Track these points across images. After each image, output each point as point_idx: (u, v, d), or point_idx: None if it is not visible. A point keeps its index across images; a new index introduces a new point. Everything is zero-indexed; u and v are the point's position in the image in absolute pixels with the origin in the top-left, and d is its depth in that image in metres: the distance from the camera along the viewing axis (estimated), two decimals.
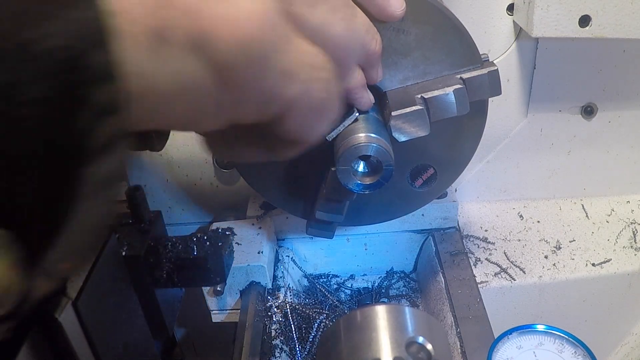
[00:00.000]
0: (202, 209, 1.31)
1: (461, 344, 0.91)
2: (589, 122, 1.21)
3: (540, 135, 1.22)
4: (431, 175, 0.92)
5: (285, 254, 1.16)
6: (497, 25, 1.09)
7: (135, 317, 0.56)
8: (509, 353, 0.78)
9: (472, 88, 0.80)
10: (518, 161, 1.25)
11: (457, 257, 1.10)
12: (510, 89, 1.15)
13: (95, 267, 0.46)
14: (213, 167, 1.24)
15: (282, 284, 1.09)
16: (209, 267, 0.62)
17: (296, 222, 1.15)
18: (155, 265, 0.60)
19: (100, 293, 0.48)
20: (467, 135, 0.88)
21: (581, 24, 0.96)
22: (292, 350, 0.99)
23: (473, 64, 0.81)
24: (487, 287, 1.11)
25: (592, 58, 1.13)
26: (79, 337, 0.44)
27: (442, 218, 1.15)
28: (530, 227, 1.24)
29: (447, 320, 0.98)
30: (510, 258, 1.16)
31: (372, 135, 0.73)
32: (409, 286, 1.19)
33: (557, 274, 1.14)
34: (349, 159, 0.73)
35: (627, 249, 1.19)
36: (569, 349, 0.77)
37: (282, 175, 0.91)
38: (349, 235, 1.18)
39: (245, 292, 1.06)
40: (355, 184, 0.76)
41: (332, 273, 1.21)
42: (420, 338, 0.49)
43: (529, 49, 1.12)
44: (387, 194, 0.93)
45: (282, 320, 1.02)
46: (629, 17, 0.95)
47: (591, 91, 1.17)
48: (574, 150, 1.24)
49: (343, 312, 1.09)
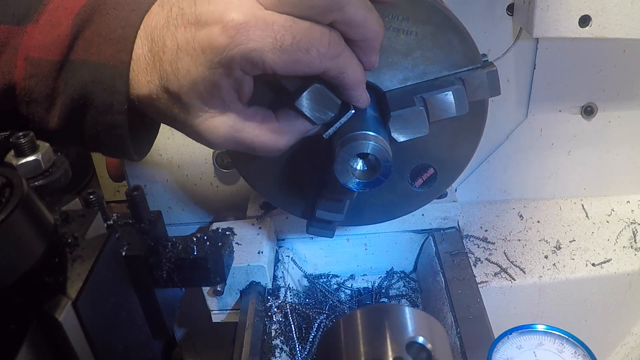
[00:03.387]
0: (202, 209, 1.31)
1: (461, 344, 0.91)
2: (589, 122, 1.21)
3: (540, 135, 1.22)
4: (431, 175, 0.92)
5: (285, 254, 1.16)
6: (497, 25, 1.09)
7: (135, 317, 0.56)
8: (509, 353, 0.78)
9: (471, 88, 0.80)
10: (518, 161, 1.25)
11: (457, 257, 1.10)
12: (510, 89, 1.15)
13: (95, 267, 0.46)
14: (213, 167, 1.24)
15: (282, 284, 1.09)
16: (209, 267, 0.62)
17: (296, 222, 1.15)
18: (155, 265, 0.60)
19: (100, 293, 0.48)
20: (467, 135, 0.88)
21: (581, 24, 0.96)
22: (292, 350, 0.99)
23: (473, 64, 0.81)
24: (487, 287, 1.11)
25: (592, 58, 1.13)
26: (79, 337, 0.44)
27: (442, 218, 1.15)
28: (530, 227, 1.24)
29: (447, 320, 0.98)
30: (510, 258, 1.16)
31: (370, 133, 0.73)
32: (409, 286, 1.19)
33: (557, 274, 1.14)
34: (346, 157, 0.73)
35: (627, 249, 1.19)
36: (569, 349, 0.77)
37: (282, 175, 0.91)
38: (349, 235, 1.18)
39: (245, 292, 1.06)
40: (353, 182, 0.76)
41: (332, 273, 1.21)
42: (420, 338, 0.49)
43: (529, 49, 1.12)
44: (387, 194, 0.93)
45: (282, 320, 1.02)
46: (629, 17, 0.95)
47: (591, 91, 1.17)
48: (574, 150, 1.24)
49: (343, 312, 1.09)
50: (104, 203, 0.59)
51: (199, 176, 1.26)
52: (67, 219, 0.50)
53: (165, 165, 1.24)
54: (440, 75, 0.81)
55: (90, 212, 0.51)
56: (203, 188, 1.27)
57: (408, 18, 0.77)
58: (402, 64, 0.80)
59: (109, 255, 0.49)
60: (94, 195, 0.57)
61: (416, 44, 0.79)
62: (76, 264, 0.45)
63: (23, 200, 0.41)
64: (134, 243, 0.58)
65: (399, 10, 0.77)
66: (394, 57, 0.80)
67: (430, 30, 0.78)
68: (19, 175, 0.43)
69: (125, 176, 1.28)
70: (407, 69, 0.81)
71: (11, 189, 0.42)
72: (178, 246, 0.62)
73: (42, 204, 0.45)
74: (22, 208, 0.41)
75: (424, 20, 0.78)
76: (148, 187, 1.27)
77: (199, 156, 1.22)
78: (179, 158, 1.23)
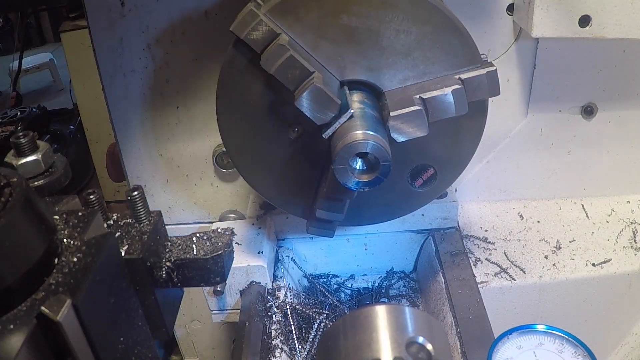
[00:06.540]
0: (202, 209, 1.31)
1: (461, 344, 0.91)
2: (589, 122, 1.21)
3: (540, 135, 1.22)
4: (431, 175, 0.92)
5: (285, 254, 1.16)
6: (497, 25, 1.09)
7: (135, 317, 0.56)
8: (509, 353, 0.78)
9: (470, 88, 0.80)
10: (518, 161, 1.25)
11: (457, 257, 1.10)
12: (510, 89, 1.15)
13: (95, 267, 0.46)
14: (213, 167, 1.24)
15: (282, 284, 1.09)
16: (209, 267, 0.62)
17: (296, 222, 1.15)
18: (155, 265, 0.60)
19: (100, 293, 0.48)
20: (467, 135, 0.88)
21: (581, 24, 0.96)
22: (292, 350, 0.99)
23: (472, 64, 0.81)
24: (487, 287, 1.11)
25: (592, 58, 1.13)
26: (79, 337, 0.44)
27: (442, 218, 1.15)
28: (530, 227, 1.24)
29: (447, 320, 0.98)
30: (510, 258, 1.16)
31: (369, 132, 0.73)
32: (409, 286, 1.19)
33: (557, 274, 1.14)
34: (346, 157, 0.73)
35: (627, 249, 1.19)
36: (569, 349, 0.77)
37: (282, 175, 0.91)
38: (349, 235, 1.18)
39: (245, 292, 1.06)
40: (353, 182, 0.76)
41: (332, 273, 1.21)
42: (420, 338, 0.49)
43: (529, 49, 1.12)
44: (387, 194, 0.93)
45: (282, 320, 1.02)
46: (629, 17, 0.95)
47: (591, 91, 1.17)
48: (574, 150, 1.24)
49: (343, 312, 1.09)
50: (104, 203, 0.59)
51: (199, 176, 1.26)
52: (67, 219, 0.50)
53: (165, 165, 1.24)
54: (440, 75, 0.81)
55: (90, 212, 0.51)
56: (203, 188, 1.27)
57: (408, 18, 0.77)
58: (402, 64, 0.80)
59: (109, 255, 0.49)
60: (94, 195, 0.57)
61: (416, 44, 0.79)
62: (76, 264, 0.45)
63: (23, 200, 0.41)
64: (134, 243, 0.58)
65: (399, 10, 0.77)
66: (394, 57, 0.80)
67: (430, 30, 0.78)
68: (19, 175, 0.43)
69: (125, 176, 1.28)
70: (407, 69, 0.81)
71: (11, 189, 0.42)
72: (178, 246, 0.62)
73: (42, 204, 0.45)
74: (23, 208, 0.41)
75: (424, 20, 0.78)
76: (148, 187, 1.27)
77: (199, 156, 1.22)
78: (179, 158, 1.23)
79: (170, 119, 1.18)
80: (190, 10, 1.08)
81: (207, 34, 1.09)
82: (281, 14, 0.78)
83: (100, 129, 2.78)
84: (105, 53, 1.13)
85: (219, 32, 1.09)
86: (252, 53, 0.79)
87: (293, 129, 0.87)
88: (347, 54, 0.81)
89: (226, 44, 0.83)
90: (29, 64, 4.62)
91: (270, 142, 0.88)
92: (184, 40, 1.10)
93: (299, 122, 0.86)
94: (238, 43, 0.80)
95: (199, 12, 1.08)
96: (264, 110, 0.85)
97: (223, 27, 0.96)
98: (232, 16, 0.79)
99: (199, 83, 1.15)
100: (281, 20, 0.78)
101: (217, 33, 1.09)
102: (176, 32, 1.10)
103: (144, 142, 1.22)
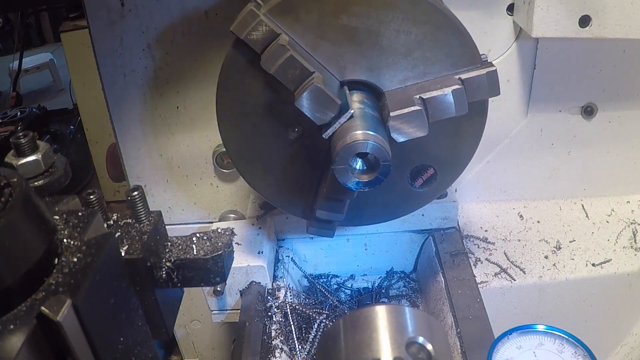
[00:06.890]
0: (202, 209, 1.31)
1: (461, 344, 0.91)
2: (589, 122, 1.21)
3: (540, 135, 1.22)
4: (431, 175, 0.92)
5: (285, 254, 1.16)
6: (497, 25, 1.09)
7: (135, 317, 0.56)
8: (509, 353, 0.78)
9: (470, 89, 0.80)
10: (518, 161, 1.25)
11: (457, 257, 1.10)
12: (510, 89, 1.15)
13: (95, 267, 0.46)
14: (213, 167, 1.24)
15: (282, 284, 1.09)
16: (209, 267, 0.62)
17: (296, 222, 1.15)
18: (155, 265, 0.60)
19: (100, 293, 0.48)
20: (467, 135, 0.88)
21: (581, 24, 0.96)
22: (292, 350, 0.99)
23: (472, 64, 0.81)
24: (487, 287, 1.11)
25: (592, 58, 1.13)
26: (79, 337, 0.43)
27: (442, 218, 1.15)
28: (530, 227, 1.24)
29: (447, 320, 0.98)
30: (510, 258, 1.16)
31: (369, 132, 0.73)
32: (409, 286, 1.19)
33: (557, 274, 1.14)
34: (346, 157, 0.73)
35: (627, 249, 1.19)
36: (569, 349, 0.77)
37: (282, 175, 0.91)
38: (349, 235, 1.18)
39: (245, 292, 1.06)
40: (353, 182, 0.76)
41: (332, 273, 1.21)
42: (420, 338, 0.49)
43: (529, 49, 1.12)
44: (387, 194, 0.93)
45: (282, 320, 1.02)
46: (629, 17, 0.95)
47: (591, 91, 1.17)
48: (574, 150, 1.24)
49: (343, 312, 1.09)
50: (104, 203, 0.59)
51: (199, 176, 1.26)
52: (67, 219, 0.50)
53: (165, 165, 1.24)
54: (440, 75, 0.81)
55: (90, 212, 0.51)
56: (203, 188, 1.27)
57: (408, 18, 0.77)
58: (402, 64, 0.80)
59: (109, 255, 0.49)
60: (94, 195, 0.57)
61: (416, 44, 0.79)
62: (76, 264, 0.45)
63: (23, 200, 0.41)
64: (134, 243, 0.58)
65: (399, 11, 0.77)
66: (394, 57, 0.80)
67: (430, 30, 0.78)
68: (19, 175, 0.43)
69: (125, 176, 1.28)
70: (407, 69, 0.81)
71: (11, 189, 0.42)
72: (178, 246, 0.62)
73: (42, 204, 0.45)
74: (23, 208, 0.41)
75: (424, 21, 0.78)
76: (148, 187, 1.27)
77: (199, 156, 1.22)
78: (179, 158, 1.23)
79: (170, 119, 1.18)
80: (190, 10, 1.08)
81: (207, 34, 1.09)
82: (281, 14, 0.78)
83: (100, 129, 2.78)
84: (105, 53, 1.13)
85: (219, 32, 1.09)
86: (252, 53, 0.79)
87: (293, 129, 0.87)
88: (347, 54, 0.81)
89: (226, 44, 0.83)
90: (29, 64, 4.62)
91: (270, 143, 0.88)
92: (184, 40, 1.11)
93: (299, 122, 0.86)
94: (238, 43, 0.80)
95: (199, 12, 1.08)
96: (264, 110, 0.85)
97: (223, 27, 0.96)
98: (232, 16, 0.79)
99: (199, 83, 1.15)
100: (281, 20, 0.78)
101: (217, 33, 1.09)
102: (176, 32, 1.10)
103: (144, 142, 1.22)
